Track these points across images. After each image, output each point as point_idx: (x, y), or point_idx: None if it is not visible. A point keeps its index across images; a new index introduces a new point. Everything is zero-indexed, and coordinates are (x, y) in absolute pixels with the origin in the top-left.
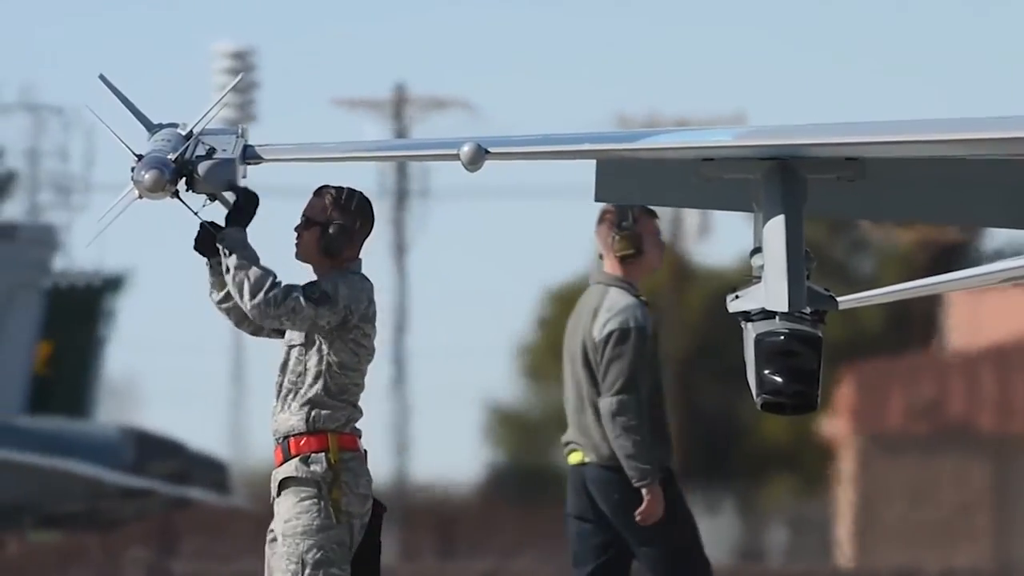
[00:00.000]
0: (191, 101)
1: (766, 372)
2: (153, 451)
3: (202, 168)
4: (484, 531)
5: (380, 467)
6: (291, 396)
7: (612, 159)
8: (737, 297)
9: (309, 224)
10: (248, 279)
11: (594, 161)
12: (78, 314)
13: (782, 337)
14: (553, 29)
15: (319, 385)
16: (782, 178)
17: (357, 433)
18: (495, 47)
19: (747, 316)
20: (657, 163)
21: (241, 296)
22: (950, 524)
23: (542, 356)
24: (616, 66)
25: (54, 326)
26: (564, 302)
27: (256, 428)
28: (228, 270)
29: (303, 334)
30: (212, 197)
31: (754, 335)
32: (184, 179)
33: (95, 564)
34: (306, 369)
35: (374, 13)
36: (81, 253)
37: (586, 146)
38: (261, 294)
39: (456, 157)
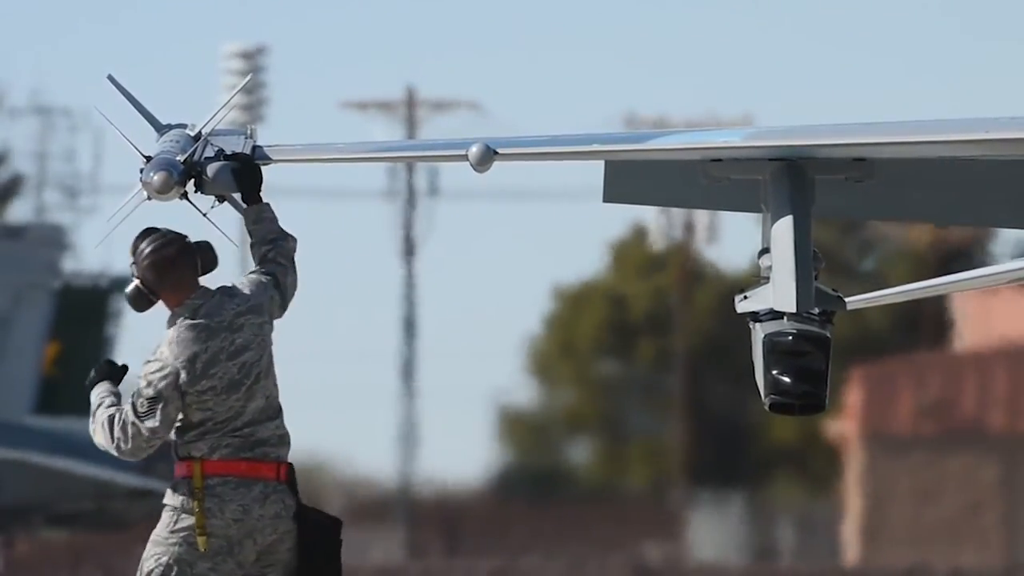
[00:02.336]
0: (200, 102)
1: (774, 372)
2: (160, 452)
3: (211, 169)
4: (492, 529)
5: (388, 466)
6: None
7: (621, 160)
8: (745, 298)
9: None
10: (100, 441)
11: (603, 162)
12: (87, 315)
13: (790, 337)
14: (562, 30)
15: (178, 423)
16: (790, 179)
17: (236, 456)
18: (504, 48)
19: (755, 316)
20: (665, 164)
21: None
22: (959, 523)
23: (550, 356)
24: (625, 67)
25: (63, 327)
26: (572, 302)
27: None
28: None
29: None
30: (221, 198)
31: (762, 335)
32: (193, 180)
33: (103, 563)
34: None
35: (383, 14)
36: (90, 254)
37: (595, 147)
38: (113, 448)
39: (465, 158)
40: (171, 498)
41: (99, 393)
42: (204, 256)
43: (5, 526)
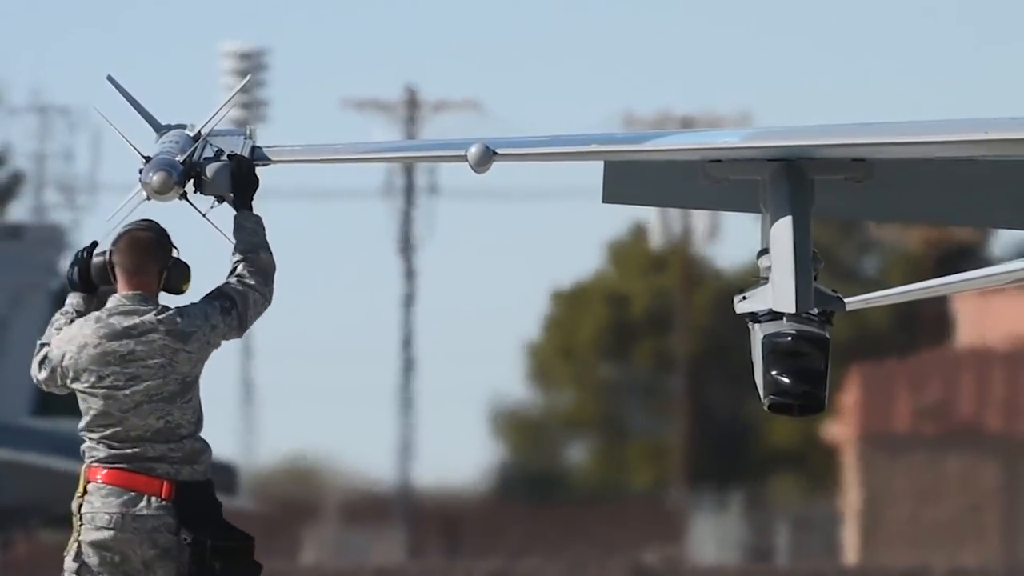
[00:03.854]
0: (199, 102)
1: (773, 373)
2: None
3: (210, 170)
4: (492, 531)
5: (388, 467)
6: None
7: (620, 160)
8: (745, 298)
9: None
10: None
11: (602, 162)
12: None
13: (790, 338)
14: (562, 31)
15: (80, 421)
16: (789, 179)
17: (115, 465)
18: (504, 48)
19: (755, 317)
20: (665, 164)
21: None
22: (958, 524)
23: (549, 357)
24: (624, 67)
25: None
26: (571, 303)
27: (264, 432)
28: None
29: None
30: (220, 199)
31: (761, 336)
32: (192, 180)
33: None
34: None
35: (383, 14)
36: None
37: (594, 147)
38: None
39: (464, 158)
40: (73, 503)
41: (70, 302)
42: (174, 272)
43: (3, 527)
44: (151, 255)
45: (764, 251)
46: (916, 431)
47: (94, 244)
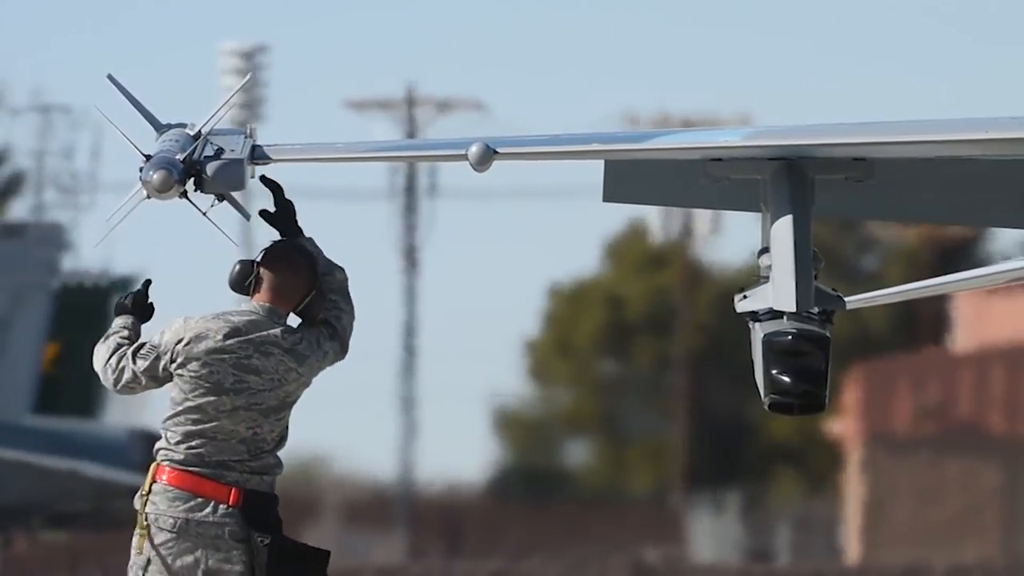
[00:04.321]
0: (199, 101)
1: (774, 372)
2: None
3: (210, 168)
4: (492, 531)
5: (388, 467)
6: None
7: (620, 159)
8: (745, 297)
9: None
10: (97, 362)
11: (602, 161)
12: (86, 314)
13: (790, 337)
14: (562, 29)
15: (165, 413)
16: (790, 178)
17: (186, 468)
18: (505, 47)
19: (755, 316)
20: (665, 164)
21: None
22: (958, 524)
23: (549, 355)
24: (625, 66)
25: (62, 326)
26: (571, 301)
27: None
28: None
29: None
30: (220, 198)
31: (762, 335)
32: (192, 179)
33: (103, 564)
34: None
35: (384, 12)
36: (89, 253)
37: (594, 146)
38: (101, 373)
39: (464, 158)
40: (136, 501)
41: (124, 322)
42: (316, 299)
43: (3, 526)
44: (305, 278)
45: (764, 250)
46: (917, 431)
47: (149, 281)
